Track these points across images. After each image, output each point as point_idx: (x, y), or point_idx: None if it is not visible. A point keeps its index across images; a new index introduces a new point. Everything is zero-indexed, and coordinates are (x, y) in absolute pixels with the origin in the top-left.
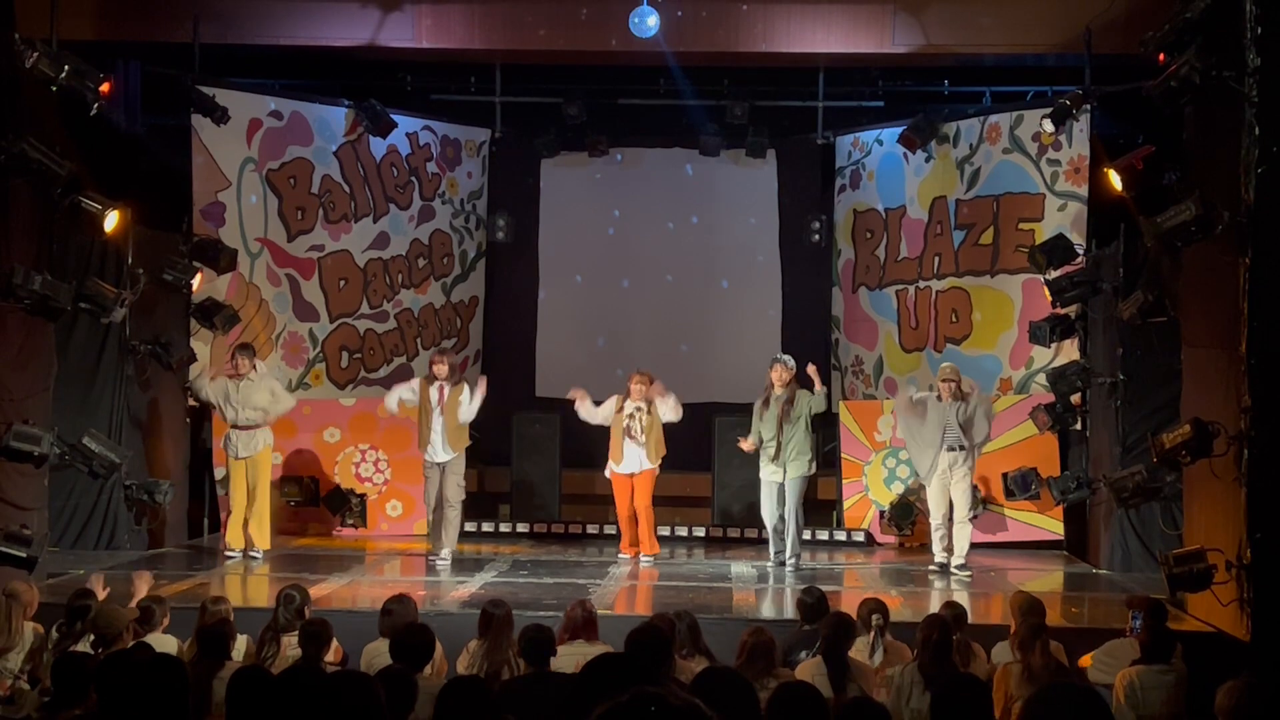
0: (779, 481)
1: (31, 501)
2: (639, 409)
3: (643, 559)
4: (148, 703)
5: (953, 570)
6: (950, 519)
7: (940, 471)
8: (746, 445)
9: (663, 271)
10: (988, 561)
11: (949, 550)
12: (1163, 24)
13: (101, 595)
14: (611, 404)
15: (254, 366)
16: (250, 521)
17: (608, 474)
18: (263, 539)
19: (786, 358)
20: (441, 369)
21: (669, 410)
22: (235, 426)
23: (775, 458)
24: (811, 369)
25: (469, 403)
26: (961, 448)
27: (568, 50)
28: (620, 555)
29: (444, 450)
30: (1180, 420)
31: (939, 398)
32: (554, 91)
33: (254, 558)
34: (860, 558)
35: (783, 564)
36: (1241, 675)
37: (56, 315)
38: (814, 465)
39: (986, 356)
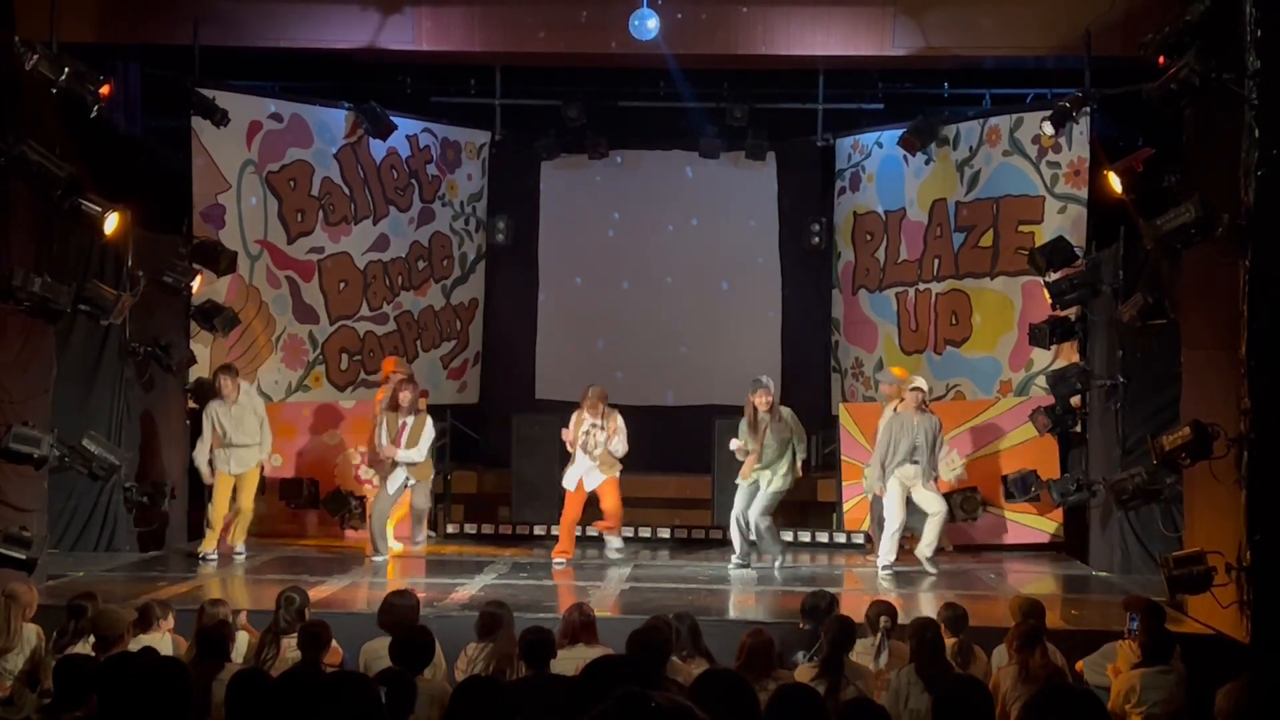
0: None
1: (31, 503)
2: (595, 425)
3: (609, 539)
4: (148, 705)
5: (923, 561)
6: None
7: (900, 482)
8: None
9: (662, 274)
10: (988, 564)
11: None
12: (1162, 26)
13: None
14: (572, 423)
15: (238, 388)
16: (236, 525)
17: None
18: (241, 535)
19: (768, 380)
20: (406, 397)
21: (619, 443)
22: (231, 445)
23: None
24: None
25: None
26: (916, 463)
27: (568, 53)
28: (555, 561)
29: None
30: (1180, 422)
31: (896, 409)
32: (554, 94)
33: (239, 555)
34: (860, 560)
35: (746, 567)
36: (1241, 677)
37: (56, 317)
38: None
39: (986, 359)
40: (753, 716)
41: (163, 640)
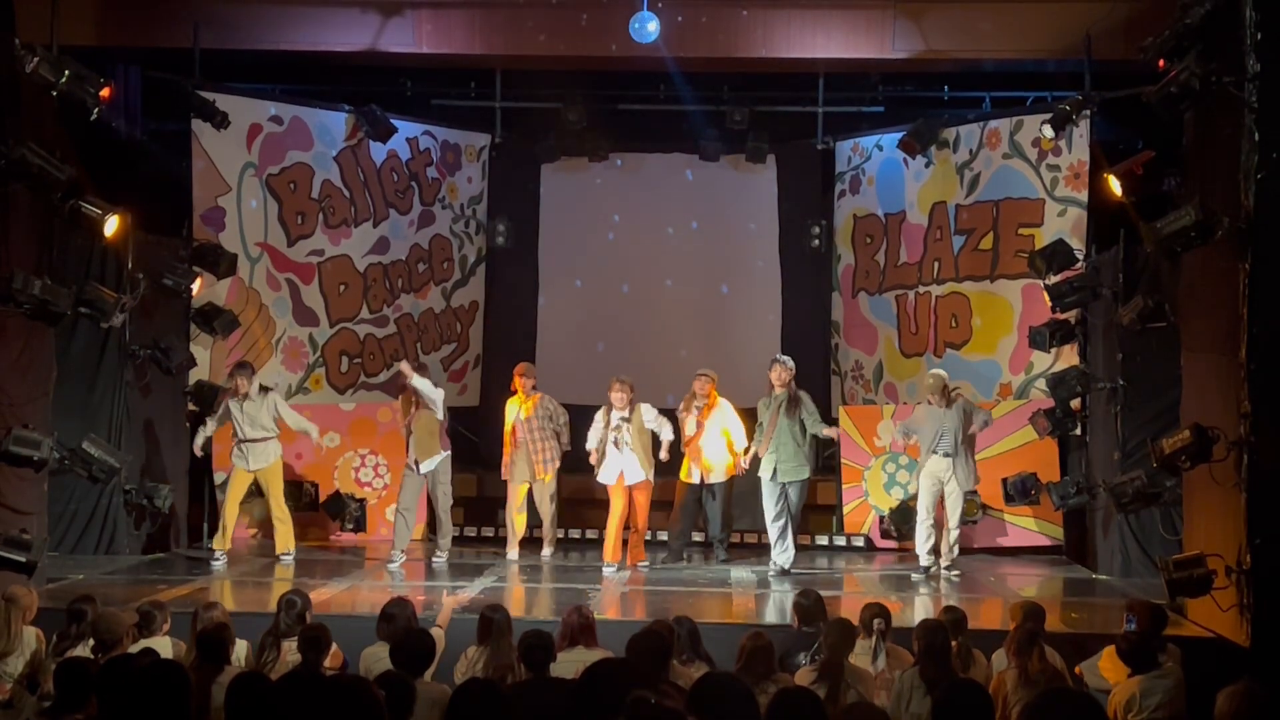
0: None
1: (31, 506)
2: (623, 420)
3: (640, 566)
4: (148, 708)
5: (942, 572)
6: (939, 522)
7: (931, 475)
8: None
9: (662, 277)
10: (987, 567)
11: (935, 553)
12: (1163, 30)
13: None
14: (599, 421)
15: (250, 384)
16: (276, 533)
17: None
18: (288, 541)
19: (786, 359)
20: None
21: (661, 429)
22: (246, 440)
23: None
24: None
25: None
26: (949, 455)
27: (568, 55)
28: (605, 564)
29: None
30: (1180, 425)
31: (928, 402)
32: (554, 96)
33: (285, 558)
34: (860, 563)
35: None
36: (1241, 681)
37: (56, 320)
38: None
39: (986, 362)
40: None
41: (163, 643)
